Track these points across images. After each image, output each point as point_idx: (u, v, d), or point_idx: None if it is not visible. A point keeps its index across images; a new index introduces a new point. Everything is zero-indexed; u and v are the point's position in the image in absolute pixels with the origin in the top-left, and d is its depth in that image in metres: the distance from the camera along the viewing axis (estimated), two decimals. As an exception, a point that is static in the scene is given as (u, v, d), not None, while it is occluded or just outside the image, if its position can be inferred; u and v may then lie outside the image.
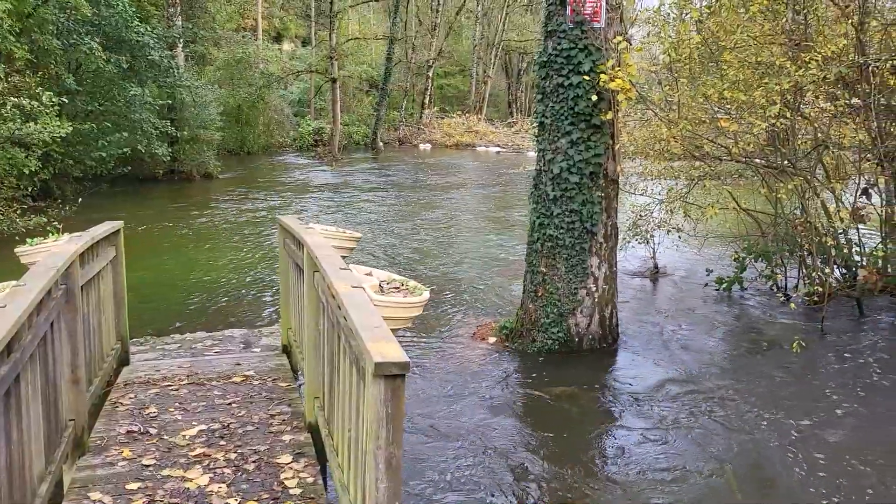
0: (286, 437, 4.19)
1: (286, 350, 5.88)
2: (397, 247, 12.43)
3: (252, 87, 29.22)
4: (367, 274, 4.47)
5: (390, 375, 2.35)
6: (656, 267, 10.40)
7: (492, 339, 7.39)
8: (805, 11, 8.24)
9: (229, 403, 4.75)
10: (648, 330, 7.85)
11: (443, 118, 39.07)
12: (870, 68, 6.95)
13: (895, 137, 7.72)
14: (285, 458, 3.91)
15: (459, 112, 40.32)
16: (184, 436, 4.20)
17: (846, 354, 7.03)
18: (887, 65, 7.14)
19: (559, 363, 6.84)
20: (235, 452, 3.98)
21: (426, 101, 39.42)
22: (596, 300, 7.08)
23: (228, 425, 4.37)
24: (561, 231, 6.94)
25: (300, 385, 5.10)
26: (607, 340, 7.22)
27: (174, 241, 13.06)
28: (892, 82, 7.62)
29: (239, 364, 5.64)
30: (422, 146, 35.23)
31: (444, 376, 6.46)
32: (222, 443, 4.11)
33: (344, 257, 4.56)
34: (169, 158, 19.72)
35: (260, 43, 34.52)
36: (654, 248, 10.30)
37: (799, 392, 6.17)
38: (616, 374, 6.70)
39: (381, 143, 33.43)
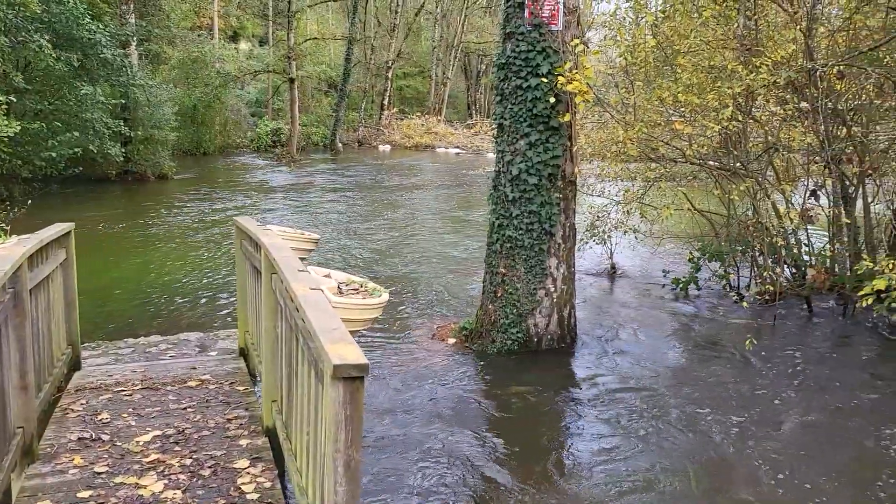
0: (243, 442, 4.14)
1: (243, 353, 5.81)
2: (357, 248, 12.37)
3: (208, 86, 28.79)
4: (325, 276, 4.43)
5: (349, 378, 2.34)
6: (613, 267, 10.54)
7: (451, 340, 7.40)
8: (756, 17, 8.44)
9: (185, 408, 4.67)
10: (606, 330, 7.95)
11: (402, 119, 39.04)
12: (818, 73, 7.14)
13: (842, 141, 7.94)
14: (242, 463, 3.86)
15: (419, 113, 40.33)
16: (137, 442, 4.11)
17: (797, 352, 7.22)
18: (834, 70, 7.36)
19: (518, 364, 6.88)
20: (191, 458, 3.92)
21: (385, 102, 39.31)
22: (554, 300, 7.15)
23: (184, 430, 4.30)
24: (520, 232, 6.98)
25: (258, 389, 5.04)
26: (566, 340, 7.29)
27: (128, 243, 12.80)
28: (838, 87, 7.85)
29: (195, 368, 5.55)
30: (381, 147, 35.13)
31: (404, 378, 6.45)
32: (177, 448, 4.04)
33: (302, 259, 4.52)
34: (122, 159, 19.34)
35: (216, 42, 34.06)
36: (611, 249, 10.44)
37: (752, 390, 6.31)
38: (575, 375, 6.76)
39: (340, 145, 33.23)
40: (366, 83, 39.50)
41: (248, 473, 3.75)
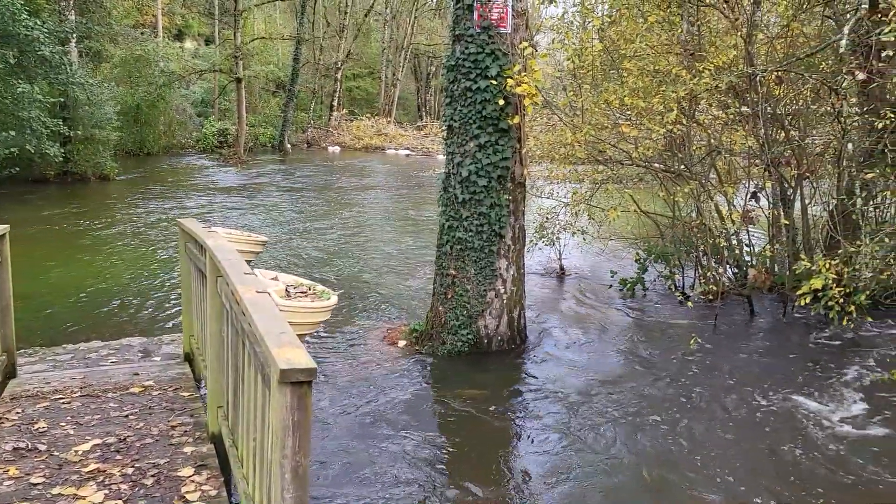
0: (188, 449, 4.04)
1: (188, 358, 5.67)
2: (305, 250, 12.23)
3: (152, 85, 28.11)
4: (273, 279, 4.37)
5: (297, 382, 2.30)
6: (562, 268, 10.65)
7: (402, 343, 7.37)
8: (699, 23, 8.64)
9: (126, 416, 4.54)
10: (555, 330, 8.03)
11: (352, 121, 38.82)
12: (757, 78, 7.34)
13: (781, 144, 8.19)
14: (187, 471, 3.76)
15: (369, 115, 40.16)
16: (76, 451, 3.97)
17: (738, 350, 7.41)
18: (773, 75, 7.57)
19: (469, 365, 6.89)
20: (133, 467, 3.80)
21: (335, 103, 39.04)
22: (504, 302, 7.18)
23: (125, 439, 4.17)
24: (470, 234, 7.00)
25: (203, 394, 4.93)
26: (515, 341, 7.34)
27: (67, 246, 12.40)
28: (777, 92, 8.09)
29: (137, 374, 5.40)
30: (330, 149, 34.86)
31: (354, 381, 6.39)
32: (118, 457, 3.92)
33: (249, 262, 4.44)
34: (61, 159, 18.72)
35: (160, 40, 33.26)
36: (560, 250, 10.55)
37: (696, 387, 6.45)
38: (524, 377, 6.80)
39: (288, 145, 32.85)
40: (315, 84, 39.17)
41: (193, 481, 3.66)
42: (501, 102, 6.73)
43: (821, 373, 6.82)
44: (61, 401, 4.76)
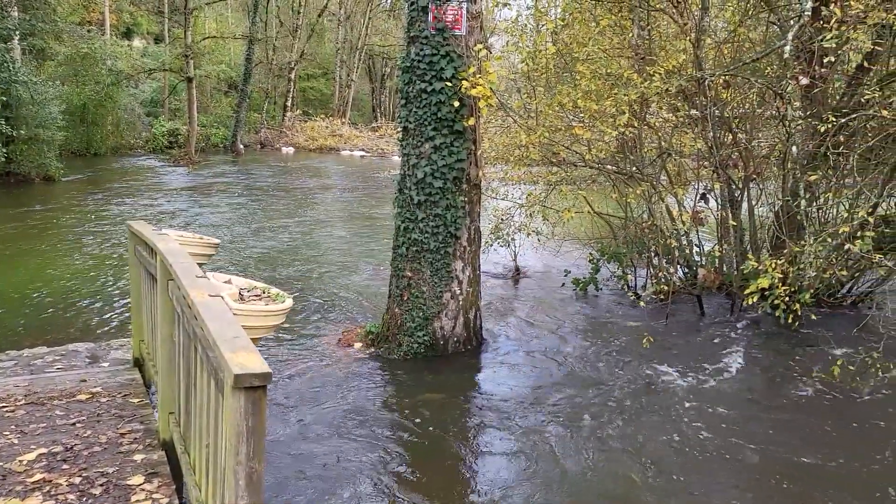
0: (138, 457, 3.95)
1: (138, 363, 5.55)
2: (259, 252, 12.08)
3: (99, 84, 27.41)
4: (226, 281, 4.30)
5: (251, 387, 2.27)
6: (517, 269, 10.73)
7: (357, 345, 7.33)
8: (649, 28, 8.80)
9: (73, 423, 4.42)
10: (511, 331, 8.08)
11: (306, 121, 38.48)
12: (706, 82, 7.50)
13: (728, 147, 8.38)
14: (137, 479, 3.68)
15: (323, 115, 39.86)
16: (21, 461, 3.85)
17: (689, 348, 7.56)
18: (721, 79, 7.75)
19: (425, 367, 6.89)
20: (80, 476, 3.70)
21: (288, 103, 38.65)
22: (460, 303, 7.20)
23: (72, 447, 4.06)
24: (426, 235, 7.00)
25: (154, 400, 4.83)
26: (472, 343, 7.36)
27: (10, 250, 12.00)
28: (725, 95, 8.29)
29: (85, 380, 5.26)
30: (284, 149, 34.49)
31: (310, 385, 6.33)
32: (65, 466, 3.81)
33: (201, 264, 4.36)
34: (3, 159, 18.18)
35: (107, 38, 32.46)
36: (515, 251, 10.63)
37: (649, 386, 6.56)
38: (480, 378, 6.83)
39: (241, 146, 32.39)
40: (268, 84, 38.73)
41: (144, 490, 3.58)
42: (456, 104, 6.75)
43: (765, 370, 7.01)
44: (4, 409, 4.61)
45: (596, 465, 5.09)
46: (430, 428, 5.61)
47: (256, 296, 4.09)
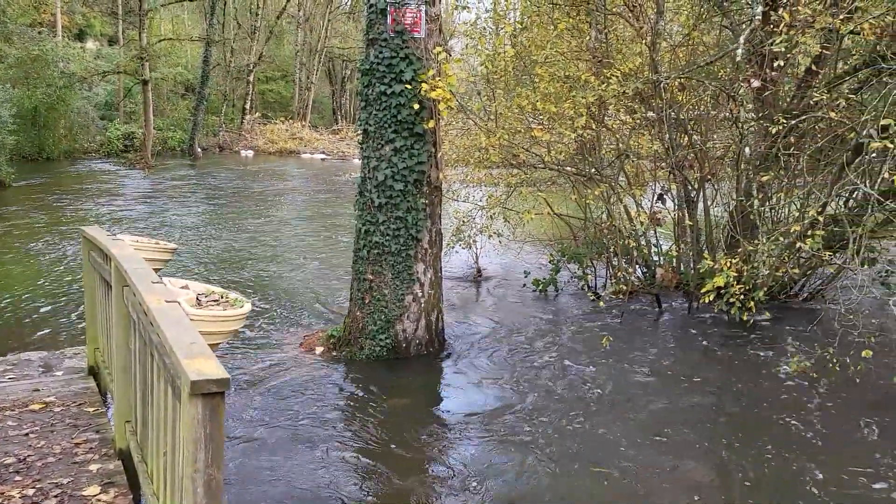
0: (93, 467, 3.87)
1: (93, 372, 5.43)
2: (217, 257, 11.92)
3: (51, 87, 26.75)
4: (182, 287, 4.24)
5: (208, 394, 2.24)
6: (479, 271, 10.77)
7: (319, 349, 7.28)
8: (606, 31, 8.92)
9: (26, 434, 4.30)
10: (472, 333, 8.11)
11: (265, 124, 38.07)
12: (662, 85, 7.64)
13: (684, 148, 8.54)
14: (93, 490, 3.60)
15: (283, 118, 39.50)
16: (-29, 475, 3.74)
17: (648, 346, 7.67)
18: (676, 82, 7.90)
19: (388, 371, 6.87)
20: (33, 488, 3.61)
21: (247, 106, 38.21)
22: (422, 305, 7.20)
23: (25, 458, 3.95)
24: (387, 238, 6.99)
25: (110, 409, 4.73)
26: (434, 345, 7.36)
27: (-42, 257, 11.65)
28: (680, 98, 8.45)
29: (38, 390, 5.12)
30: (243, 153, 34.09)
31: (270, 391, 6.26)
32: (18, 478, 3.71)
33: (157, 270, 4.30)
34: (-49, 164, 17.62)
35: (59, 40, 31.69)
36: (476, 253, 10.67)
37: (609, 384, 6.64)
38: (442, 380, 6.84)
39: (199, 150, 31.91)
40: (226, 87, 38.22)
41: (100, 500, 3.50)
42: (416, 107, 6.75)
43: (722, 366, 7.15)
44: (-47, 422, 4.47)
45: (558, 463, 5.14)
46: (393, 433, 5.59)
47: (214, 301, 4.05)
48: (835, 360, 6.18)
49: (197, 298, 4.03)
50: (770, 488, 4.83)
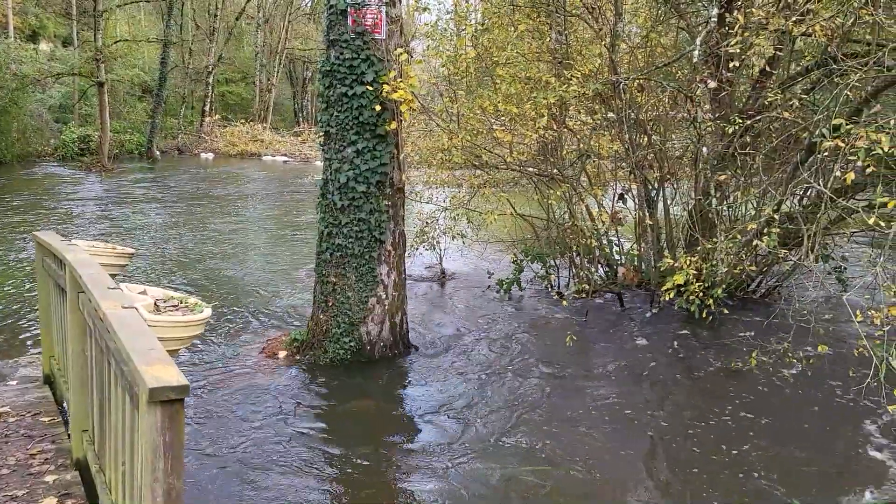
0: (49, 478, 3.77)
1: (49, 380, 5.30)
2: (176, 261, 11.72)
3: (3, 89, 26.03)
4: (140, 292, 4.16)
5: (167, 401, 2.21)
6: (443, 272, 10.78)
7: (282, 354, 7.21)
8: (566, 33, 9.00)
9: (-21, 446, 4.18)
10: (437, 334, 8.10)
11: (226, 127, 37.56)
12: (621, 86, 7.72)
13: (644, 148, 8.65)
14: (49, 501, 3.52)
15: (243, 120, 39.02)
16: (-80, 490, 3.62)
17: (610, 344, 7.76)
18: (635, 83, 7.99)
19: (352, 374, 6.83)
20: (-13, 502, 3.51)
21: (207, 108, 37.66)
22: (386, 308, 7.18)
23: (-22, 472, 3.84)
24: (350, 240, 6.95)
25: (66, 418, 4.62)
26: (398, 347, 7.34)
27: None
28: (639, 99, 8.55)
29: (-9, 401, 4.99)
30: (203, 155, 33.60)
31: (232, 397, 6.17)
32: (-30, 492, 3.61)
33: (114, 275, 4.21)
34: None
35: (11, 41, 30.88)
36: (440, 254, 10.67)
37: (573, 383, 6.70)
38: (407, 383, 6.82)
39: (157, 152, 31.37)
40: (184, 88, 37.67)
41: (57, 512, 3.43)
42: (378, 108, 6.73)
43: (680, 362, 7.26)
44: None
45: (525, 463, 5.16)
46: (358, 437, 5.57)
47: (173, 306, 3.98)
48: (790, 355, 6.31)
49: (155, 304, 3.96)
50: (723, 478, 4.92)
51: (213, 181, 24.46)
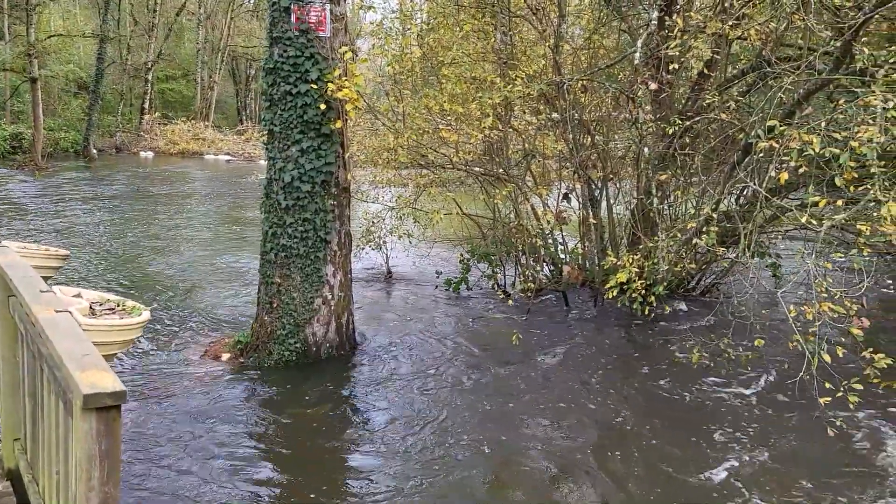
0: (-21, 490, 3.62)
1: (-22, 389, 5.08)
2: (114, 263, 11.38)
3: (-74, 84, 24.93)
4: (75, 295, 4.02)
5: (103, 408, 2.14)
6: (390, 272, 10.74)
7: (225, 356, 7.07)
8: (511, 33, 9.07)
9: None
10: (384, 334, 8.07)
11: (166, 125, 36.68)
12: (565, 86, 7.83)
13: (588, 148, 8.79)
14: (-21, 515, 3.37)
15: (184, 118, 38.17)
16: None
17: (555, 342, 7.85)
18: (579, 84, 8.11)
19: (298, 376, 6.74)
20: (-90, 517, 3.35)
21: (146, 105, 36.71)
22: (332, 308, 7.11)
23: None
24: (295, 240, 6.86)
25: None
26: (345, 348, 7.29)
27: None
28: (583, 100, 8.68)
29: (-86, 411, 4.75)
30: (143, 154, 32.75)
31: (172, 402, 6.01)
32: None
33: (47, 278, 4.07)
34: None
35: (-64, 34, 29.57)
36: (387, 254, 10.63)
37: (517, 378, 6.76)
38: (354, 384, 6.76)
39: (94, 151, 30.41)
40: (123, 85, 36.63)
41: (-13, 526, 3.29)
42: (323, 107, 6.66)
43: (621, 358, 7.40)
44: None
45: (470, 462, 5.18)
46: (304, 441, 5.50)
47: (110, 309, 3.86)
48: (728, 350, 6.50)
49: (91, 307, 3.83)
50: (669, 470, 5.03)
51: (152, 180, 23.87)
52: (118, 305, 3.93)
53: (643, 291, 6.55)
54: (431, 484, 4.86)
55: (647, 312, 6.73)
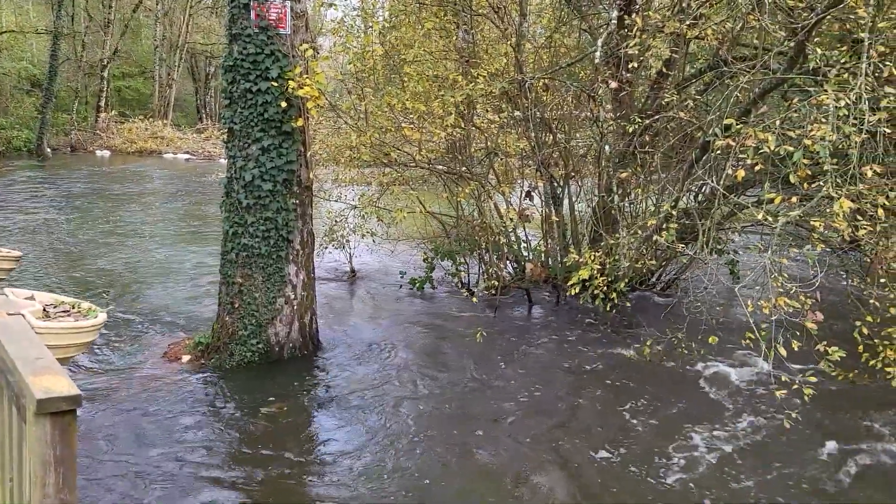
0: (-71, 500, 3.51)
1: (-73, 395, 4.93)
2: (69, 264, 11.12)
3: None
4: (28, 298, 3.92)
5: (58, 413, 2.10)
6: (353, 271, 10.69)
7: (186, 358, 6.96)
8: (473, 32, 9.10)
9: None
10: (347, 334, 8.03)
11: (123, 123, 35.97)
12: (527, 85, 7.88)
13: (549, 146, 8.86)
14: (-72, 525, 3.27)
15: (142, 116, 37.48)
16: None
17: (519, 339, 7.90)
18: (540, 82, 8.17)
19: (259, 376, 6.67)
20: None
21: (102, 103, 35.95)
22: (295, 308, 7.05)
23: None
24: (256, 240, 6.78)
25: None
26: (308, 348, 7.23)
27: None
28: (545, 98, 8.75)
29: None
30: (99, 153, 32.07)
31: (132, 405, 5.88)
32: None
33: (-1, 280, 3.95)
34: None
35: None
36: (350, 253, 10.58)
37: (483, 376, 6.78)
38: (317, 384, 6.70)
39: (48, 150, 29.69)
40: (77, 83, 35.79)
41: (-63, 536, 3.18)
42: (284, 105, 6.59)
43: (583, 353, 7.48)
44: None
45: (436, 460, 5.19)
46: (265, 442, 5.43)
47: (65, 311, 3.77)
48: (683, 346, 6.62)
49: (44, 310, 3.74)
50: (634, 469, 5.10)
51: (109, 179, 23.39)
52: (73, 307, 3.84)
53: (605, 288, 6.62)
54: (387, 488, 4.84)
55: (608, 309, 6.81)
